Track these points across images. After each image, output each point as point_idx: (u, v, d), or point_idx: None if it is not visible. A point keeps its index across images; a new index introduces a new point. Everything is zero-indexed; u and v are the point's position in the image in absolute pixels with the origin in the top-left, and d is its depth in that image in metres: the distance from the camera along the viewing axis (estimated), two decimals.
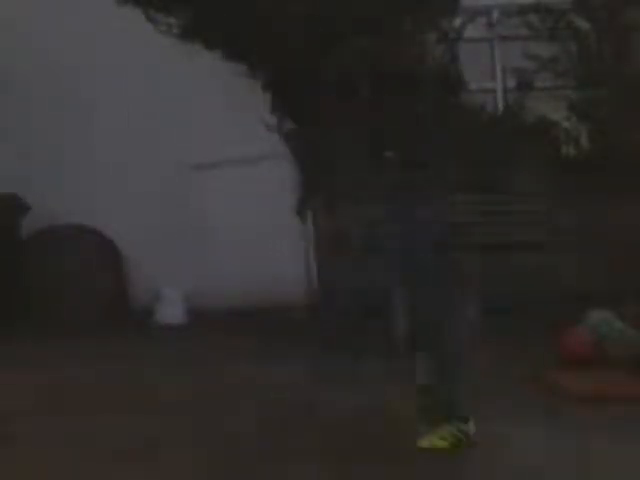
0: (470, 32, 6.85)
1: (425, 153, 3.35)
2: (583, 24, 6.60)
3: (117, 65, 6.81)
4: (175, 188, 6.77)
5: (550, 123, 6.77)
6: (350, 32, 5.66)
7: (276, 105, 5.93)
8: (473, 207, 6.22)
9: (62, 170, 6.86)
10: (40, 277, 6.44)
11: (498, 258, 5.40)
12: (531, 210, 6.53)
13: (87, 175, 6.91)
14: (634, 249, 6.15)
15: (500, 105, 7.32)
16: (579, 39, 6.59)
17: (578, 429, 3.44)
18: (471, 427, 3.30)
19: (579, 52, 6.59)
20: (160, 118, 6.73)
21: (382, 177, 3.55)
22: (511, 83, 7.10)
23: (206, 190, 6.70)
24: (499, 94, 7.42)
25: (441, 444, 3.23)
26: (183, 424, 3.64)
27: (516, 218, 6.36)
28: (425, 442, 3.27)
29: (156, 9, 6.07)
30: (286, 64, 5.46)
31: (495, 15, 7.25)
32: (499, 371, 4.42)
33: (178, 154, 6.62)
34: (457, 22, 6.76)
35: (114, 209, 6.80)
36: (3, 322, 5.92)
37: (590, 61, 6.54)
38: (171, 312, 6.51)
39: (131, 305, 6.73)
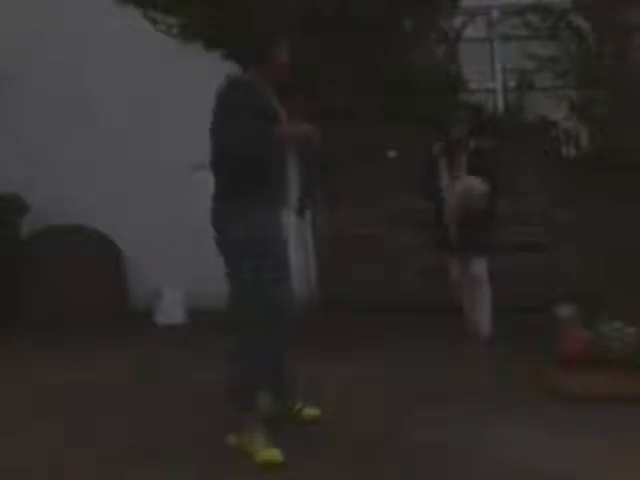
0: (470, 32, 6.87)
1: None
2: (583, 24, 6.61)
3: (117, 65, 6.82)
4: (175, 188, 6.77)
5: (550, 123, 6.78)
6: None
7: None
8: None
9: (62, 170, 6.86)
10: (40, 277, 6.44)
11: (498, 258, 5.40)
12: (531, 210, 6.54)
13: (87, 175, 6.92)
14: (634, 249, 6.15)
15: (500, 105, 7.34)
16: (579, 39, 6.59)
17: (578, 429, 3.44)
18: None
19: (579, 52, 6.59)
20: (160, 118, 6.73)
21: None
22: (511, 83, 7.11)
23: (206, 190, 6.68)
24: (499, 94, 7.43)
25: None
26: (184, 424, 3.64)
27: (516, 218, 6.36)
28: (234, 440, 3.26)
29: (156, 9, 6.08)
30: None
31: (495, 15, 7.26)
32: (499, 371, 4.43)
33: (178, 154, 6.62)
34: (457, 22, 6.79)
35: (114, 209, 6.81)
36: (3, 322, 5.93)
37: (590, 61, 6.54)
38: (171, 312, 6.52)
39: (131, 305, 6.73)
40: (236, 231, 3.24)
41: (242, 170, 3.24)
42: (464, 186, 4.99)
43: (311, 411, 3.60)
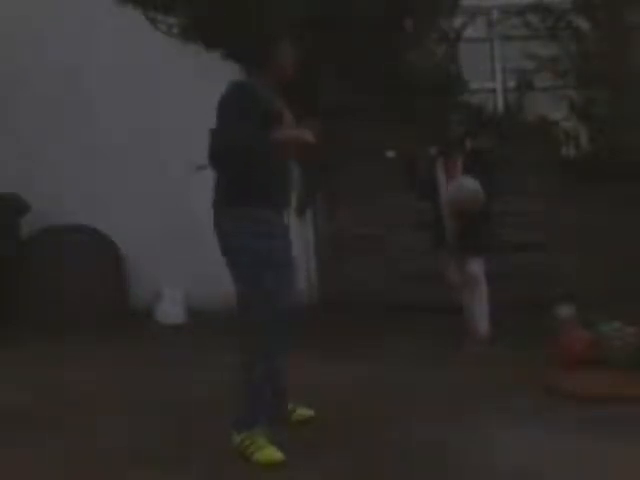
0: (470, 32, 6.87)
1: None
2: (583, 24, 6.61)
3: (117, 65, 6.82)
4: (175, 188, 6.77)
5: (550, 123, 6.78)
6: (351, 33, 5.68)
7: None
8: None
9: (62, 170, 6.87)
10: (40, 277, 6.44)
11: (498, 258, 5.41)
12: (531, 210, 6.54)
13: (87, 175, 6.92)
14: (634, 249, 6.15)
15: (500, 105, 7.34)
16: (579, 39, 6.60)
17: (578, 429, 3.44)
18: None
19: (579, 52, 6.59)
20: (160, 118, 6.74)
21: None
22: (511, 83, 7.12)
23: (206, 190, 6.69)
24: (499, 94, 7.43)
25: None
26: (184, 424, 3.64)
27: (516, 218, 6.37)
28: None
29: (156, 9, 6.08)
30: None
31: (495, 15, 7.27)
32: (499, 371, 4.43)
33: (178, 154, 6.63)
34: (457, 22, 6.79)
35: (114, 209, 6.81)
36: (3, 322, 5.93)
37: (590, 61, 6.54)
38: (171, 312, 6.52)
39: (131, 305, 6.74)
40: (237, 236, 3.22)
41: (244, 172, 3.22)
42: (456, 185, 5.02)
43: (303, 411, 3.59)
